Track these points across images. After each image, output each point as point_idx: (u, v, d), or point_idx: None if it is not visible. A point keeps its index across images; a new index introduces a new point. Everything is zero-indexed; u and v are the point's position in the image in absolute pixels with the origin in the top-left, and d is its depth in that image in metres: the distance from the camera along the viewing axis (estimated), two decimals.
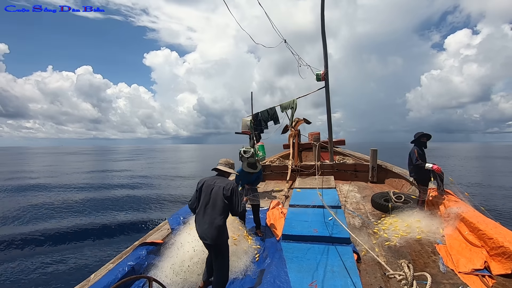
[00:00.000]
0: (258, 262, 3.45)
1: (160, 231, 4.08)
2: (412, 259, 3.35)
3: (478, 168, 30.38)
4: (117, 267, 3.03)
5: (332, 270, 2.86)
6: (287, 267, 2.97)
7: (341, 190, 6.87)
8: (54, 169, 29.02)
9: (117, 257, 3.33)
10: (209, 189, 2.83)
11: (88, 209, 10.82)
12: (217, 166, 3.06)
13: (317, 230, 3.76)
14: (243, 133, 8.63)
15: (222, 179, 2.95)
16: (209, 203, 2.78)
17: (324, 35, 8.25)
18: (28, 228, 8.31)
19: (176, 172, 26.62)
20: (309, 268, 2.94)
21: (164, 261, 3.25)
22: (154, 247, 3.57)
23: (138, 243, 3.60)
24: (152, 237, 3.86)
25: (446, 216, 4.18)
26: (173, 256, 3.28)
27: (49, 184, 17.76)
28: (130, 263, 3.10)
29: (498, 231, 3.25)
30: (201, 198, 2.83)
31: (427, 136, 4.71)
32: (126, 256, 3.31)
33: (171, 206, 11.61)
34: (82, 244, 7.10)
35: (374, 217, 4.92)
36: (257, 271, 3.23)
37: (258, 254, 3.63)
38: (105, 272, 2.95)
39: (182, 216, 4.55)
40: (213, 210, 2.75)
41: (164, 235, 3.93)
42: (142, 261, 3.25)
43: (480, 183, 18.27)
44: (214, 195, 2.79)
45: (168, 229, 4.16)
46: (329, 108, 8.38)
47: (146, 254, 3.38)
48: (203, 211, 2.78)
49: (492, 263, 3.04)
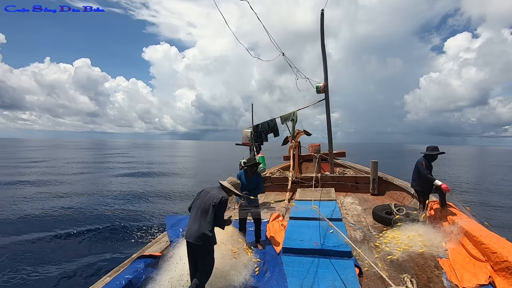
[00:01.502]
0: (258, 276, 3.38)
1: (158, 244, 4.03)
2: (415, 273, 3.29)
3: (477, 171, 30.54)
4: (114, 280, 2.98)
5: (334, 285, 2.80)
6: (287, 282, 2.91)
7: (342, 202, 6.81)
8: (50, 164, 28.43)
9: (114, 270, 3.28)
10: (205, 195, 3.05)
11: (83, 214, 10.59)
12: (222, 182, 3.28)
13: (318, 243, 3.71)
14: (243, 144, 8.66)
15: (220, 191, 3.13)
16: (201, 208, 2.97)
17: (324, 49, 8.46)
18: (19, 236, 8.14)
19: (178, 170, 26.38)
20: (310, 282, 2.88)
21: (162, 275, 3.18)
22: (152, 260, 3.51)
23: (136, 256, 3.55)
24: (151, 249, 3.80)
25: (449, 229, 4.14)
26: (172, 270, 3.22)
27: (39, 181, 17.65)
28: (127, 276, 3.05)
29: (502, 245, 3.20)
30: (197, 202, 3.06)
31: (439, 151, 4.72)
32: (124, 269, 3.25)
33: (171, 205, 11.45)
34: (78, 256, 6.95)
35: (376, 230, 4.86)
36: (257, 285, 3.17)
37: (258, 268, 3.56)
38: (102, 286, 2.89)
39: (181, 228, 4.50)
40: (203, 215, 2.93)
41: (162, 248, 3.87)
42: (139, 274, 3.19)
43: (478, 188, 18.28)
44: (207, 202, 2.97)
45: (166, 242, 4.10)
46: (329, 120, 8.45)
47: (144, 267, 3.32)
48: (194, 214, 2.99)
49: (497, 278, 2.97)
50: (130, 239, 8.12)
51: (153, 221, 10.05)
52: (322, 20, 8.43)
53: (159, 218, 10.40)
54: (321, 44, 8.49)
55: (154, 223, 9.73)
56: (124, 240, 8.01)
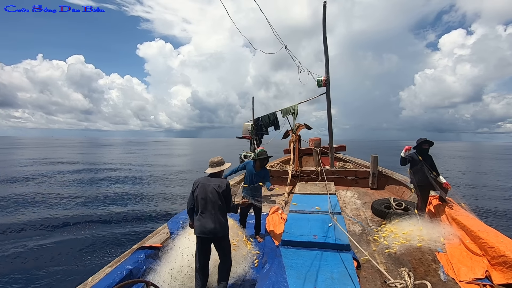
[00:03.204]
0: (257, 268, 3.42)
1: (159, 235, 4.06)
2: (412, 267, 3.32)
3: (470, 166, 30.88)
4: (115, 270, 3.02)
5: (332, 277, 2.83)
6: (286, 274, 2.94)
7: (341, 196, 6.85)
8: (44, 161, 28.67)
9: (115, 260, 3.32)
10: (205, 188, 2.98)
11: (84, 207, 10.70)
12: (208, 171, 3.16)
13: (317, 236, 3.74)
14: (244, 137, 8.65)
15: (216, 179, 3.10)
16: (208, 201, 2.92)
17: (325, 43, 8.36)
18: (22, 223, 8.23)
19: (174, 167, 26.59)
20: (309, 274, 2.91)
21: (163, 266, 3.22)
22: (153, 251, 3.55)
23: (137, 247, 3.58)
24: (151, 241, 3.83)
25: (446, 224, 4.16)
26: (172, 261, 3.26)
27: (37, 176, 17.74)
28: (128, 267, 3.08)
29: (499, 240, 3.22)
30: (199, 197, 2.96)
31: (428, 143, 4.69)
32: (125, 259, 3.29)
33: (170, 204, 11.58)
34: (80, 246, 7.04)
35: (374, 224, 4.89)
36: (256, 277, 3.21)
37: (257, 260, 3.60)
38: (103, 276, 2.93)
39: (181, 220, 4.53)
40: (213, 207, 2.90)
41: (163, 239, 3.91)
42: (140, 265, 3.23)
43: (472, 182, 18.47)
44: (212, 193, 2.93)
45: (167, 233, 4.14)
46: (329, 114, 8.41)
47: (145, 258, 3.35)
48: (203, 209, 2.93)
49: (494, 272, 3.00)
50: (130, 230, 8.21)
51: (153, 212, 10.15)
52: (324, 13, 8.30)
53: (159, 211, 10.49)
54: (323, 37, 8.39)
55: (154, 214, 9.83)
56: (124, 232, 8.09)
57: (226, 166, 3.25)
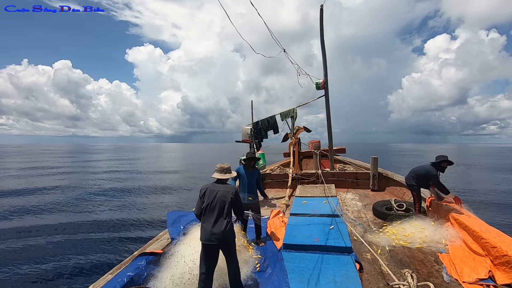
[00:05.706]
0: (259, 272, 3.40)
1: (160, 241, 4.04)
2: (415, 268, 3.30)
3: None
4: (116, 277, 2.99)
5: (334, 280, 2.81)
6: (288, 278, 2.92)
7: (342, 198, 6.83)
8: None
9: (116, 267, 3.29)
10: (213, 194, 2.99)
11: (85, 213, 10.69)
12: (215, 175, 3.19)
13: (318, 239, 3.73)
14: (243, 141, 8.66)
15: (223, 184, 3.13)
16: (216, 208, 2.92)
17: (323, 45, 8.41)
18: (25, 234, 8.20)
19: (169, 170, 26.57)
20: (311, 278, 2.89)
21: (164, 272, 3.20)
22: (154, 257, 3.53)
23: (138, 253, 3.56)
24: (152, 247, 3.81)
25: (448, 224, 4.15)
26: (173, 268, 3.23)
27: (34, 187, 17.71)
28: (129, 274, 3.06)
29: (502, 240, 3.21)
30: (206, 203, 2.96)
31: (448, 162, 4.61)
32: (125, 266, 3.27)
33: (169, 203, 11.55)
34: (80, 254, 7.00)
35: (376, 225, 4.87)
36: (258, 282, 3.18)
37: (259, 264, 3.58)
38: (104, 283, 2.90)
39: (182, 225, 4.51)
40: (221, 214, 2.91)
41: (164, 245, 3.88)
42: (141, 271, 3.20)
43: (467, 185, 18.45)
44: (221, 199, 2.95)
45: (168, 239, 4.11)
46: (329, 116, 8.43)
47: (146, 264, 3.33)
48: (210, 216, 2.92)
49: (497, 272, 2.99)
50: (131, 237, 8.17)
51: (153, 218, 10.10)
52: (321, 16, 8.37)
53: (159, 216, 10.45)
54: (321, 40, 8.44)
55: (154, 220, 9.78)
56: (125, 238, 8.05)
57: (233, 174, 3.34)
